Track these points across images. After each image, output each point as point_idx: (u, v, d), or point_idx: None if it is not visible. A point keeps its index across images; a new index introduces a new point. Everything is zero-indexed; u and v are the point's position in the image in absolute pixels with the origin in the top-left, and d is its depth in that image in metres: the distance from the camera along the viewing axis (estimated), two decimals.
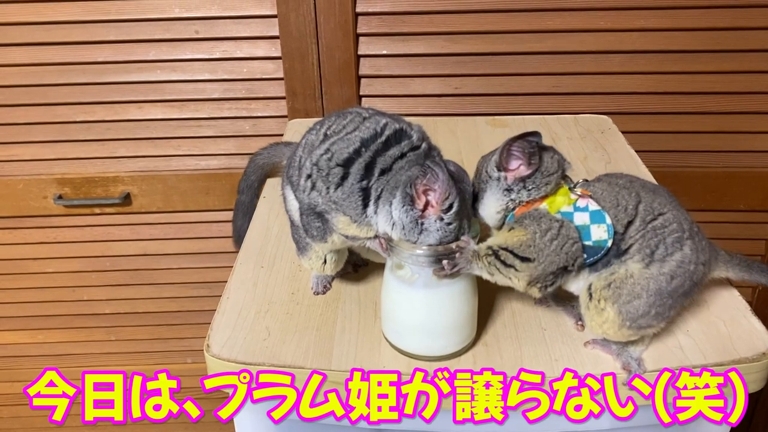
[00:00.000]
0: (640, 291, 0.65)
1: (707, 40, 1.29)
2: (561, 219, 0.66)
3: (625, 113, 1.35)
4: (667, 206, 0.68)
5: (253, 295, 0.78)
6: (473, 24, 1.30)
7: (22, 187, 1.46)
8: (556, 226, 0.66)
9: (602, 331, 0.67)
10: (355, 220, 0.67)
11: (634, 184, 0.70)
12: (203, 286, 1.59)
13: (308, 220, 0.71)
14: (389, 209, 0.65)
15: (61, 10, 1.30)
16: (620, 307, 0.65)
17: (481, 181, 0.71)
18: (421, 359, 0.68)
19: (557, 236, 0.65)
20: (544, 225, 0.66)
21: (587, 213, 0.66)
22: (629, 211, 0.67)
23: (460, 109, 1.37)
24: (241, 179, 0.91)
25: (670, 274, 0.66)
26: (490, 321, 0.74)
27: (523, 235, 0.65)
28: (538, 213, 0.67)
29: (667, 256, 0.66)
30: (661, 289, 0.66)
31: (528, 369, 0.66)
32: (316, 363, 0.68)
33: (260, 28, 1.32)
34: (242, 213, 0.92)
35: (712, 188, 1.43)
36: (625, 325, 0.66)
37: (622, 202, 0.67)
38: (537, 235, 0.65)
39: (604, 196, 0.68)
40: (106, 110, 1.40)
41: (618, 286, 0.66)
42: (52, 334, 1.67)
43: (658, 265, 0.66)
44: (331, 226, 0.69)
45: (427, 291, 0.66)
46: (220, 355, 0.68)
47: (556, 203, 0.68)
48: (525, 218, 0.67)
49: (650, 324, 0.67)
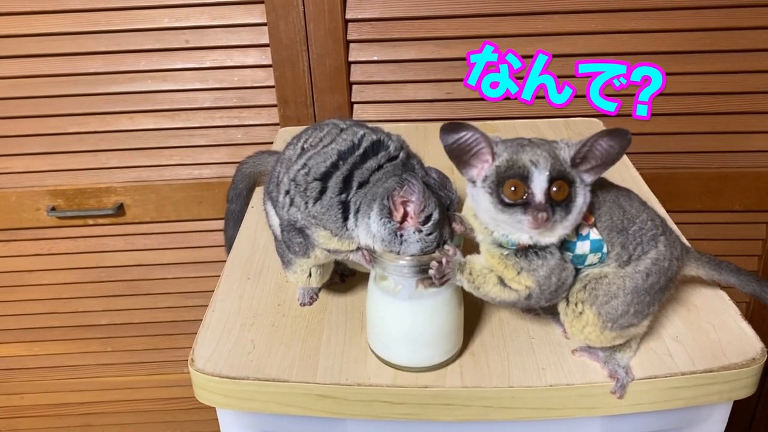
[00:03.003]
0: (616, 290, 0.64)
1: (699, 40, 1.29)
2: (564, 263, 0.63)
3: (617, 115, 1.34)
4: (640, 208, 0.67)
5: (239, 307, 0.77)
6: (463, 29, 1.30)
7: (14, 200, 1.46)
8: (557, 272, 0.63)
9: (584, 337, 0.66)
10: (336, 233, 0.66)
11: (617, 194, 0.67)
12: (198, 296, 1.58)
13: (289, 237, 0.71)
14: (368, 222, 0.64)
15: (52, 21, 1.30)
16: (598, 308, 0.64)
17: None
18: (407, 370, 0.68)
19: (561, 284, 0.63)
20: (544, 270, 0.62)
21: (588, 242, 0.63)
22: (618, 228, 0.64)
23: (452, 114, 1.37)
24: (230, 188, 0.91)
25: (645, 271, 0.64)
26: (477, 330, 0.73)
27: (522, 281, 0.63)
28: (551, 253, 0.62)
29: (642, 255, 0.65)
30: (638, 287, 0.64)
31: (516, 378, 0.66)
32: (301, 376, 0.67)
33: (250, 36, 1.32)
34: (233, 222, 0.92)
35: (707, 189, 1.42)
36: (606, 327, 0.65)
37: (617, 223, 0.64)
38: (537, 283, 0.63)
39: (600, 216, 0.64)
40: (98, 121, 1.40)
41: (593, 287, 0.64)
42: (48, 346, 1.66)
43: (634, 264, 0.64)
44: (312, 241, 0.69)
45: (411, 302, 0.66)
46: (204, 370, 0.68)
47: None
48: (527, 257, 0.63)
49: (631, 323, 0.66)
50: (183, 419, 1.78)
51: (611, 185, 0.68)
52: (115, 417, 1.77)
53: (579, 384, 0.66)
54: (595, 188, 0.64)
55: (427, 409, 0.67)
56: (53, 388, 1.72)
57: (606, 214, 0.64)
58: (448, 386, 0.66)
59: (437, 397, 0.66)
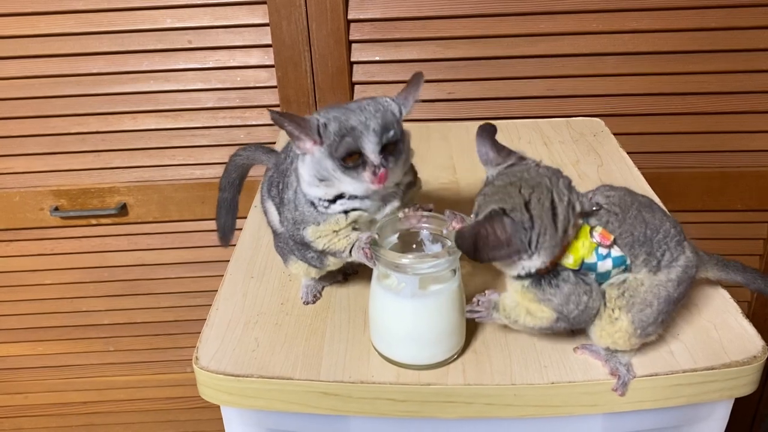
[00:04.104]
0: (651, 299, 0.64)
1: (700, 40, 1.29)
2: (589, 287, 0.63)
3: (619, 115, 1.35)
4: (663, 217, 0.67)
5: (243, 305, 0.78)
6: (465, 29, 1.30)
7: (18, 200, 1.46)
8: (575, 298, 0.63)
9: (612, 341, 0.66)
10: (317, 220, 0.69)
11: (639, 207, 0.66)
12: (201, 295, 1.59)
13: (303, 254, 0.75)
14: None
15: (54, 22, 1.31)
16: (634, 315, 0.64)
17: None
18: (409, 368, 0.68)
19: (585, 308, 0.63)
20: (573, 298, 0.63)
21: (610, 260, 0.63)
22: (641, 241, 0.64)
23: (453, 114, 1.37)
24: (222, 177, 0.92)
25: (677, 280, 0.65)
26: (479, 328, 0.73)
27: (547, 311, 0.64)
28: (564, 280, 0.63)
29: (672, 262, 0.65)
30: (669, 296, 0.65)
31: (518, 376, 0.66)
32: (305, 374, 0.67)
33: (253, 36, 1.32)
34: (225, 210, 0.92)
35: (708, 189, 1.43)
36: (635, 334, 0.65)
37: (639, 237, 0.64)
38: (556, 310, 0.63)
39: (621, 233, 0.64)
40: (101, 121, 1.40)
41: (632, 295, 0.64)
42: (51, 346, 1.67)
43: (666, 272, 0.64)
44: (314, 246, 0.71)
45: (414, 300, 0.66)
46: (209, 368, 0.68)
47: (579, 254, 0.62)
48: (548, 285, 0.63)
49: (655, 331, 0.67)
50: (185, 419, 1.78)
51: (632, 198, 0.68)
52: (118, 416, 1.78)
53: (581, 381, 0.66)
54: (615, 205, 0.65)
55: (430, 407, 0.67)
56: (56, 387, 1.73)
57: (628, 231, 0.64)
58: (451, 384, 0.66)
59: (440, 394, 0.66)
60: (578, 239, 0.62)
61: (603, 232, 0.63)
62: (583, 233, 0.63)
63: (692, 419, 0.72)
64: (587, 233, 0.63)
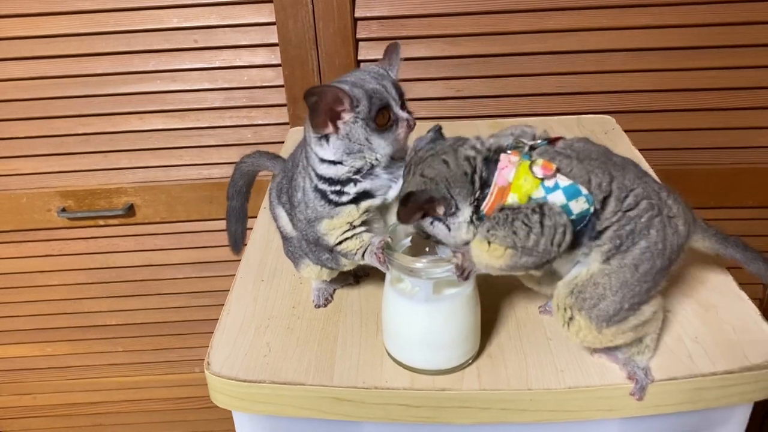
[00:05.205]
0: (603, 291, 0.62)
1: (712, 35, 1.28)
2: (541, 205, 0.60)
3: (629, 112, 1.34)
4: (636, 181, 0.64)
5: (254, 309, 0.77)
6: (473, 26, 1.29)
7: (25, 201, 1.46)
8: (537, 221, 0.60)
9: (580, 340, 0.65)
10: (330, 214, 0.68)
11: (605, 158, 0.64)
12: (208, 296, 1.58)
13: (318, 256, 0.74)
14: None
15: (60, 23, 1.30)
16: (588, 312, 0.63)
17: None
18: (424, 373, 0.67)
19: (542, 233, 0.60)
20: (523, 228, 0.60)
21: (560, 191, 0.60)
22: (604, 188, 0.62)
23: (462, 112, 1.36)
24: (229, 185, 0.92)
25: (632, 264, 0.62)
26: (494, 332, 0.72)
27: (504, 253, 0.61)
28: (512, 213, 0.61)
29: (631, 246, 0.62)
30: (627, 281, 0.62)
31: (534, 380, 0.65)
32: (318, 379, 0.67)
33: (259, 35, 1.31)
34: (235, 218, 0.92)
35: (719, 185, 1.41)
36: (602, 327, 0.63)
37: (595, 180, 0.61)
38: (513, 241, 0.60)
39: (575, 173, 0.61)
40: (107, 122, 1.39)
41: (580, 291, 0.63)
42: (59, 347, 1.67)
43: (619, 257, 0.62)
44: (327, 241, 0.70)
45: (428, 304, 0.65)
46: (221, 373, 0.67)
47: (523, 190, 0.61)
48: (498, 225, 0.61)
49: (627, 315, 0.64)
50: (194, 419, 1.78)
51: (604, 151, 0.65)
52: (126, 417, 1.78)
53: (598, 386, 0.65)
54: (572, 150, 0.64)
55: (445, 412, 0.66)
56: (65, 388, 1.73)
57: (582, 170, 0.61)
58: (466, 389, 0.65)
59: (455, 399, 0.65)
60: (518, 177, 0.61)
61: (544, 163, 0.61)
62: (522, 170, 0.61)
63: (710, 423, 0.71)
64: (527, 169, 0.61)
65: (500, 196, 0.62)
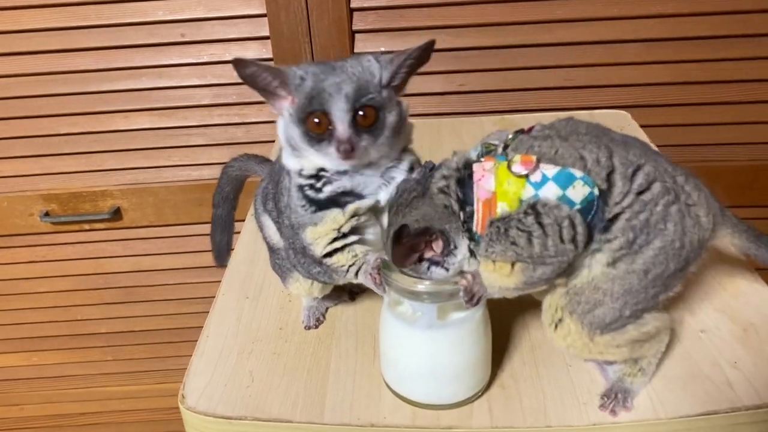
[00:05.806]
0: (601, 297, 0.55)
1: (729, 24, 1.23)
2: (533, 205, 0.53)
3: (642, 106, 1.30)
4: (643, 156, 0.56)
5: (236, 331, 0.70)
6: (476, 16, 1.24)
7: (6, 205, 1.42)
8: (533, 222, 0.53)
9: (567, 345, 0.58)
10: (313, 220, 0.61)
11: (597, 132, 0.57)
12: (200, 301, 1.54)
13: (308, 269, 0.65)
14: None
15: (39, 17, 1.26)
16: (580, 317, 0.56)
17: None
18: (427, 408, 0.60)
19: (545, 234, 0.53)
20: (521, 236, 0.53)
21: (551, 182, 0.53)
22: (603, 163, 0.54)
23: (465, 108, 1.31)
24: (216, 192, 0.85)
25: (642, 269, 0.55)
26: (506, 358, 0.65)
27: (513, 270, 0.55)
28: (503, 223, 0.54)
29: (644, 245, 0.54)
30: (632, 288, 0.55)
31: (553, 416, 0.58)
32: (306, 415, 0.59)
33: (249, 28, 1.27)
34: (220, 228, 0.86)
35: (737, 183, 1.37)
36: (595, 334, 0.56)
37: (590, 156, 0.54)
38: (517, 253, 0.54)
39: (562, 154, 0.55)
40: (91, 121, 1.35)
41: (576, 293, 0.56)
42: (47, 356, 1.64)
43: (628, 261, 0.55)
44: (313, 252, 0.62)
45: (432, 331, 0.58)
46: (197, 408, 0.60)
47: (510, 194, 0.54)
48: (492, 241, 0.54)
49: (626, 324, 0.56)
50: None
51: (598, 127, 0.58)
52: (118, 427, 1.75)
53: (626, 422, 0.58)
54: (549, 129, 0.58)
55: None
56: (53, 398, 1.71)
57: (570, 149, 0.54)
58: (476, 426, 0.58)
59: None
60: (500, 183, 0.54)
61: (522, 157, 0.54)
62: (502, 173, 0.54)
63: None
64: (506, 171, 0.54)
65: (488, 210, 0.55)
